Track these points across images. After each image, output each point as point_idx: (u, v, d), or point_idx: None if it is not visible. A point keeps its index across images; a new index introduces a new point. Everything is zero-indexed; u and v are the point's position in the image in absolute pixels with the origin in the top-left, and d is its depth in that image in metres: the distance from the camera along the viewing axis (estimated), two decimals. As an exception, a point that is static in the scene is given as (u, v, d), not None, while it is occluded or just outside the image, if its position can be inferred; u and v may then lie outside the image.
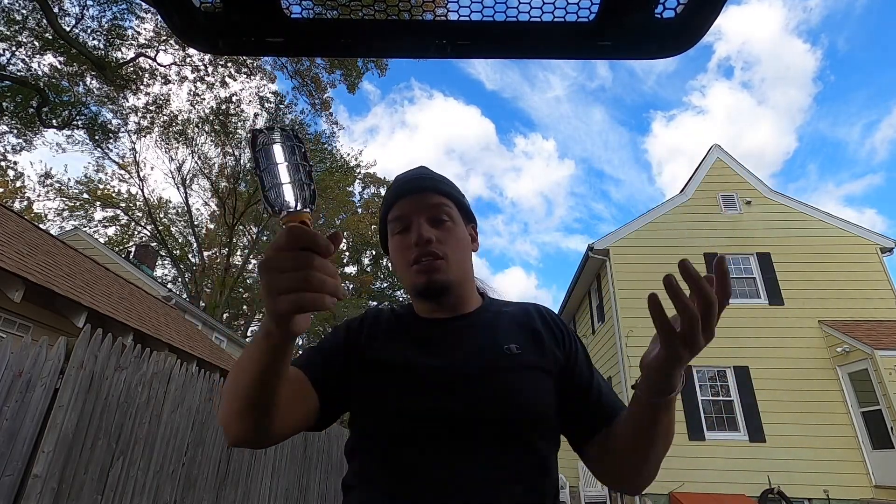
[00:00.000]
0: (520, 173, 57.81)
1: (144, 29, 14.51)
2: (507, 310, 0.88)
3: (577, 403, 0.80)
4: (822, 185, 68.49)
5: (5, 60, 12.91)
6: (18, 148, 15.81)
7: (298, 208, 0.50)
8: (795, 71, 51.46)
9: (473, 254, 0.91)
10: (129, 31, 14.24)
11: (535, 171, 58.53)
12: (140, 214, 23.32)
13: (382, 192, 28.51)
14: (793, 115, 56.48)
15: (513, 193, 59.47)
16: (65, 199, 21.80)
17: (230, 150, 21.92)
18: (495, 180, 56.46)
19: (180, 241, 24.97)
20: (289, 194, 0.50)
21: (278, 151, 0.49)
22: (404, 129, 49.37)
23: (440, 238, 0.82)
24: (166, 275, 24.72)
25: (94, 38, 13.70)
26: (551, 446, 0.75)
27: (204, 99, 18.29)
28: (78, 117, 15.63)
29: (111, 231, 23.49)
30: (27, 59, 13.31)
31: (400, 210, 0.85)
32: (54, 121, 15.11)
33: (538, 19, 0.49)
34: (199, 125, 20.15)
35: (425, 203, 0.84)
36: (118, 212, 22.99)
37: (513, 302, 0.94)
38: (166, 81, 16.21)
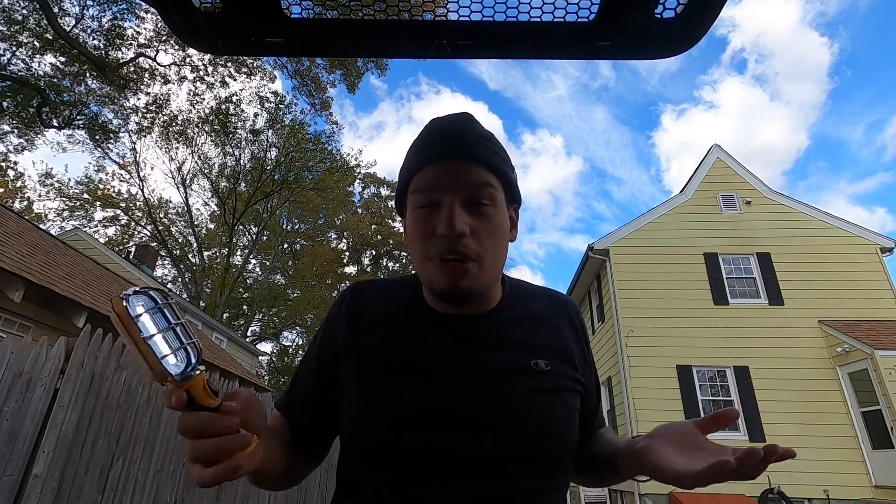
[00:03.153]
0: (527, 171, 57.76)
1: (144, 29, 14.53)
2: (533, 305, 0.75)
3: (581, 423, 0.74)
4: (834, 183, 68.20)
5: (5, 60, 12.92)
6: (20, 148, 15.84)
7: (186, 373, 0.48)
8: (810, 65, 50.54)
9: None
10: (129, 31, 14.26)
11: (542, 168, 58.54)
12: (140, 214, 23.34)
13: (383, 192, 28.49)
14: (806, 111, 55.91)
15: (522, 191, 59.46)
16: (65, 199, 21.82)
17: (230, 150, 21.94)
18: (501, 178, 56.40)
19: (180, 241, 24.99)
20: (171, 362, 0.47)
21: (147, 323, 0.47)
22: (411, 124, 48.76)
23: (476, 230, 0.64)
24: (166, 275, 24.75)
25: (94, 38, 13.72)
26: (569, 466, 0.69)
27: (204, 99, 18.35)
28: (78, 117, 15.64)
29: (111, 231, 23.53)
30: (27, 59, 13.33)
31: (429, 179, 0.65)
32: (55, 120, 15.12)
33: (538, 19, 0.49)
34: (199, 125, 20.17)
35: (465, 178, 0.65)
36: (118, 212, 23.01)
37: (537, 289, 0.80)
38: (166, 81, 16.23)
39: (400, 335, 0.69)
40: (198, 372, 0.49)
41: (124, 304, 0.46)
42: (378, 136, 46.28)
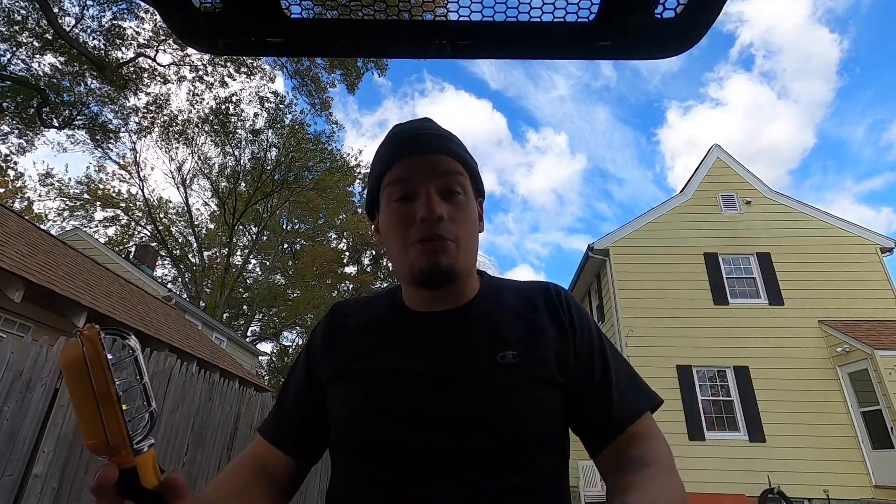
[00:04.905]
0: (530, 169, 57.58)
1: (144, 29, 14.53)
2: (507, 298, 0.74)
3: (587, 412, 0.68)
4: (840, 181, 67.48)
5: (5, 60, 12.92)
6: (20, 149, 15.84)
7: (143, 444, 0.39)
8: (819, 62, 48.97)
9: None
10: (129, 31, 14.26)
11: (543, 167, 58.41)
12: (140, 214, 23.34)
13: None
14: (813, 109, 54.18)
15: (523, 190, 59.10)
16: (65, 199, 21.83)
17: (230, 150, 21.95)
18: (505, 176, 56.15)
19: (180, 241, 24.99)
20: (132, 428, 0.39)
21: (118, 375, 0.38)
22: (414, 122, 49.08)
23: (451, 216, 0.67)
24: (166, 275, 24.75)
25: (94, 38, 13.72)
26: (556, 463, 0.65)
27: (203, 99, 18.33)
28: (78, 117, 15.64)
29: (111, 231, 23.53)
30: (27, 59, 13.33)
31: (403, 171, 0.68)
32: (55, 121, 15.12)
33: (538, 19, 0.49)
34: (199, 125, 20.17)
35: (437, 168, 0.68)
36: (118, 212, 23.01)
37: (516, 282, 0.79)
38: (166, 81, 16.23)
39: (377, 339, 0.71)
40: (152, 443, 0.41)
41: (101, 341, 0.37)
42: (381, 133, 45.79)
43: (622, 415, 0.66)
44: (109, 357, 0.38)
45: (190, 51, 14.67)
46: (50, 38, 12.69)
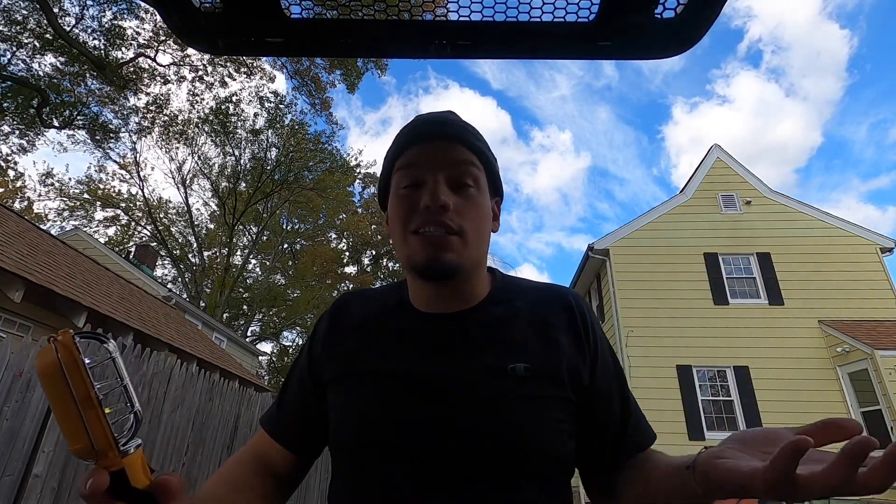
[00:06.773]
0: (535, 167, 57.40)
1: (144, 29, 14.53)
2: (521, 303, 0.69)
3: (594, 436, 0.66)
4: (847, 180, 67.06)
5: (6, 60, 12.92)
6: (21, 149, 15.84)
7: (130, 445, 0.40)
8: (828, 59, 48.18)
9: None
10: (129, 31, 14.26)
11: (545, 167, 58.30)
12: (140, 214, 23.33)
13: (382, 192, 28.44)
14: (821, 107, 53.66)
15: (527, 189, 58.81)
16: (65, 199, 21.82)
17: (230, 150, 21.94)
18: (510, 175, 55.98)
19: (180, 241, 24.98)
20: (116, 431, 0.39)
21: (98, 378, 0.38)
22: (418, 120, 49.05)
23: (459, 207, 0.63)
24: (166, 275, 24.74)
25: (94, 38, 13.72)
26: (561, 481, 0.63)
27: (203, 99, 18.33)
28: (79, 117, 15.64)
29: (111, 231, 23.52)
30: (27, 59, 13.33)
31: (413, 158, 0.66)
32: (55, 121, 15.11)
33: (538, 19, 0.49)
34: (199, 125, 20.17)
35: (448, 157, 0.65)
36: (118, 212, 23.00)
37: (531, 284, 0.75)
38: (166, 81, 16.24)
39: (378, 339, 0.68)
40: (139, 443, 0.41)
41: (76, 346, 0.37)
42: (384, 131, 45.92)
43: (625, 451, 0.67)
44: (87, 361, 0.38)
45: (190, 51, 14.67)
46: (50, 38, 12.69)
